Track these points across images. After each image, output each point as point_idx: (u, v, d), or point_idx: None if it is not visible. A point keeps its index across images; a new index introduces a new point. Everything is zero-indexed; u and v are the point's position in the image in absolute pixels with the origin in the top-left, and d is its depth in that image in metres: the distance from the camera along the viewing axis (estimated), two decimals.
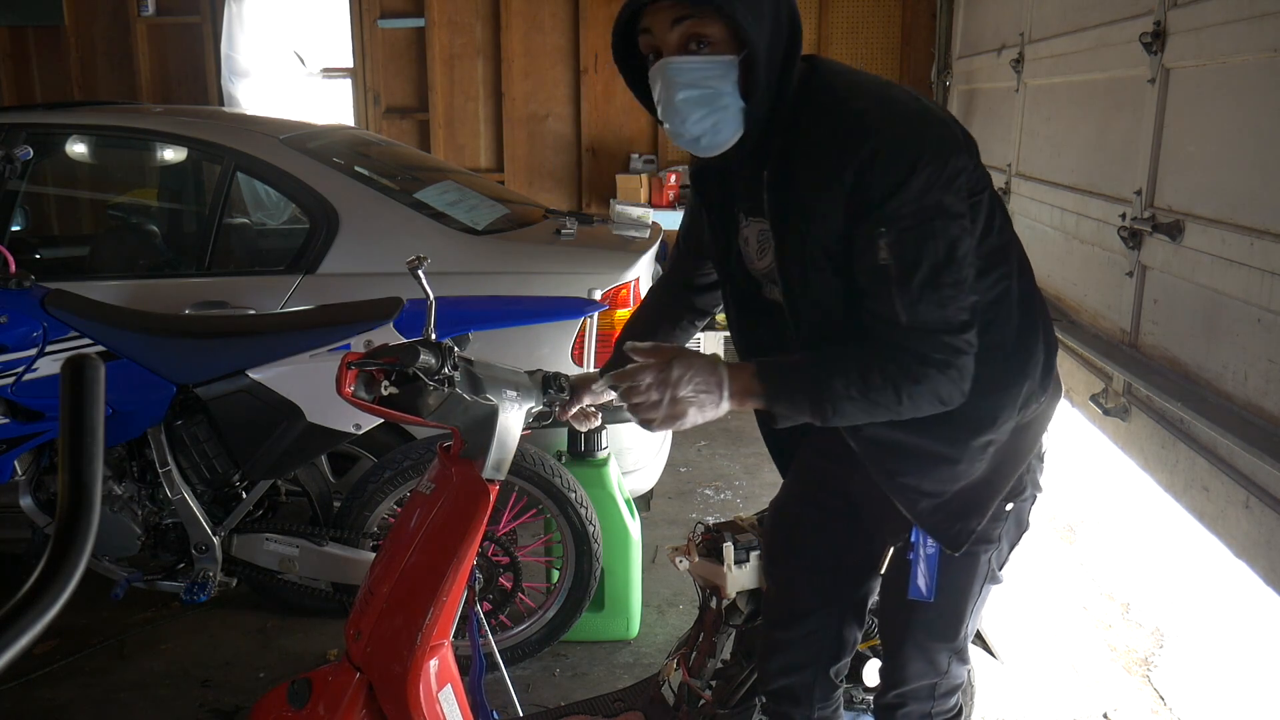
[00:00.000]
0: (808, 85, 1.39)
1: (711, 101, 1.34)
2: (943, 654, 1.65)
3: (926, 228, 1.28)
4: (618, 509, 2.81)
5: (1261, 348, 2.01)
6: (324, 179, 3.00)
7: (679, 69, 1.33)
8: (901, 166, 1.28)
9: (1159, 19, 2.49)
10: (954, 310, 1.31)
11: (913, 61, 5.67)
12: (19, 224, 3.43)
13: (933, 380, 1.32)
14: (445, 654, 1.73)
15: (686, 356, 1.35)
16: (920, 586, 1.55)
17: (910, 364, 1.32)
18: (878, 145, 1.29)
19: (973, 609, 1.62)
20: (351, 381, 1.62)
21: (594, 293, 2.83)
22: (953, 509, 1.50)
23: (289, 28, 5.99)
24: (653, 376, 1.34)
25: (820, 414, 1.35)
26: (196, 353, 2.50)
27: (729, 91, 1.33)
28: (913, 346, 1.32)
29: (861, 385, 1.32)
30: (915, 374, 1.32)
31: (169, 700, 2.65)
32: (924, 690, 1.67)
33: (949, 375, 1.32)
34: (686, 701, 2.09)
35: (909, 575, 1.56)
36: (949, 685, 1.69)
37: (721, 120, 1.35)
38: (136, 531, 2.57)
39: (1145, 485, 2.59)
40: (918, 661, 1.65)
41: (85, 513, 0.82)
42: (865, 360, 1.34)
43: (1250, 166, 2.11)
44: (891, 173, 1.28)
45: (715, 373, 1.35)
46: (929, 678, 1.66)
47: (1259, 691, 2.73)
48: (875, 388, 1.32)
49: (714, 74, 1.33)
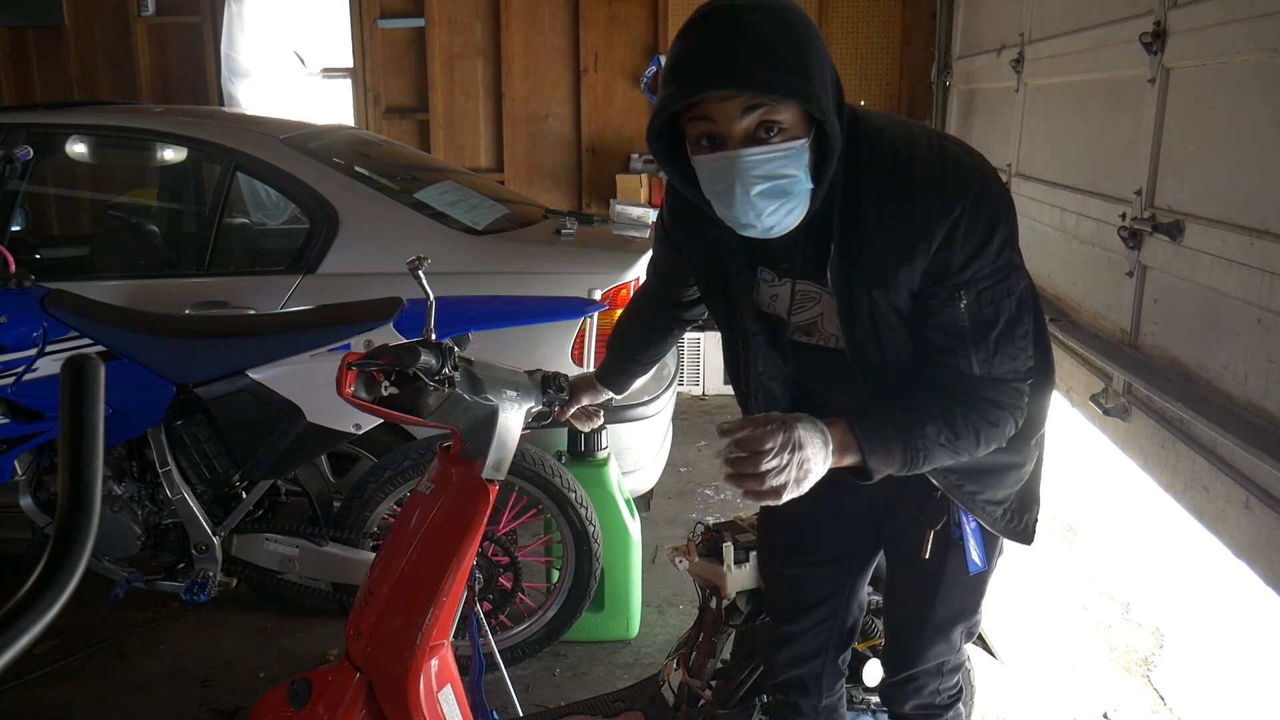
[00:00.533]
0: (854, 143, 1.33)
1: (788, 190, 1.26)
2: (959, 630, 1.69)
3: (1001, 287, 1.34)
4: (618, 509, 2.81)
5: (1261, 348, 2.01)
6: (324, 179, 3.00)
7: (753, 162, 1.23)
8: (981, 232, 1.30)
9: (1159, 19, 2.49)
10: (1023, 360, 1.39)
11: (913, 61, 5.67)
12: (19, 224, 3.43)
13: (1005, 423, 1.39)
14: (445, 654, 1.73)
15: (800, 419, 1.26)
16: (975, 560, 1.59)
17: (988, 410, 1.37)
18: (959, 215, 1.29)
19: (989, 582, 1.67)
20: (351, 381, 1.62)
21: (594, 293, 2.83)
22: (1017, 506, 1.58)
23: (289, 28, 5.98)
24: (779, 440, 1.23)
25: (912, 462, 1.35)
26: (196, 353, 2.50)
27: (802, 176, 1.26)
28: (989, 395, 1.37)
29: (950, 433, 1.35)
30: (993, 418, 1.37)
31: (169, 700, 2.65)
32: (935, 667, 1.71)
33: (1017, 416, 1.40)
34: (686, 701, 2.09)
35: (958, 556, 1.59)
36: (956, 661, 1.73)
37: (796, 206, 1.29)
38: (136, 531, 2.57)
39: (1145, 485, 2.59)
40: (938, 642, 1.68)
41: (85, 513, 0.82)
42: (949, 408, 1.36)
43: (1250, 166, 2.11)
44: (972, 240, 1.30)
45: (822, 436, 1.27)
46: (944, 655, 1.70)
47: (1259, 691, 2.73)
48: (961, 434, 1.35)
49: (790, 162, 1.24)
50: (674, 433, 3.81)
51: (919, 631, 1.69)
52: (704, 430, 4.68)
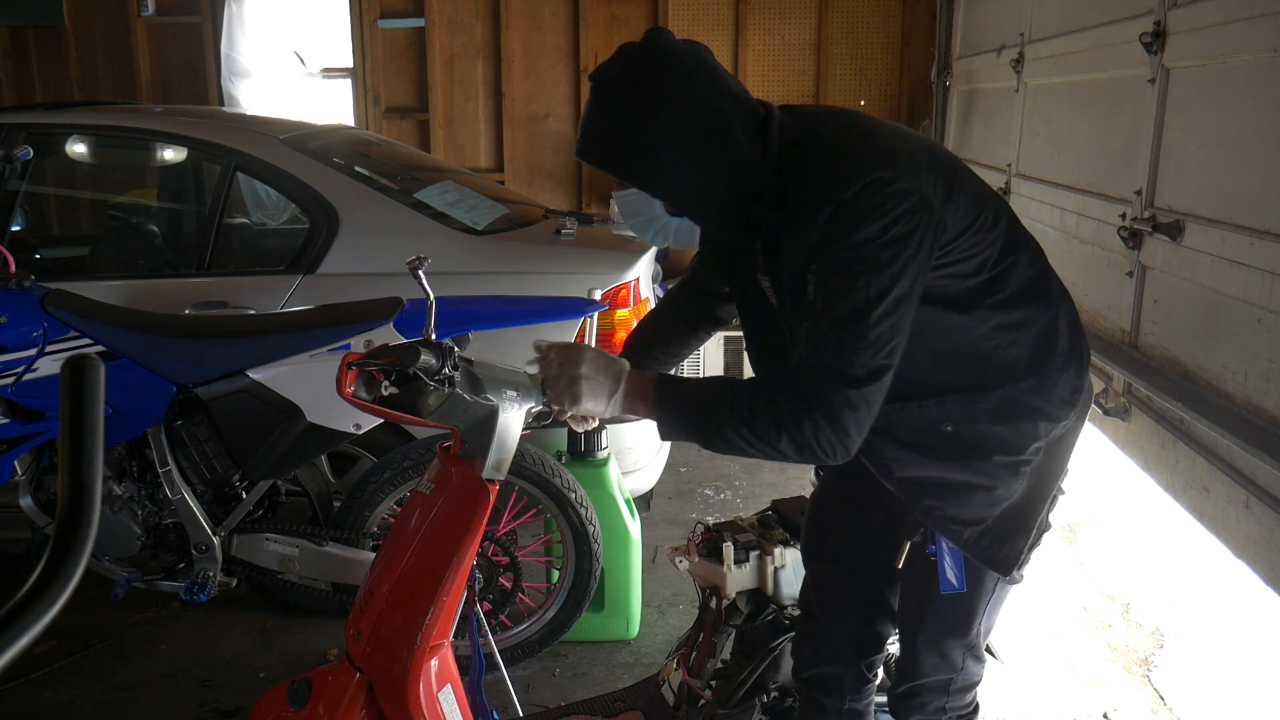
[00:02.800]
0: (783, 144, 1.44)
1: (653, 223, 1.59)
2: (956, 650, 1.66)
3: (857, 277, 1.33)
4: (618, 509, 2.81)
5: (1261, 348, 2.01)
6: (324, 179, 3.00)
7: (618, 200, 1.63)
8: (849, 221, 1.34)
9: (1159, 19, 2.49)
10: (858, 361, 1.34)
11: (913, 61, 5.67)
12: (19, 224, 3.43)
13: (815, 425, 1.34)
14: (445, 654, 1.73)
15: (596, 351, 1.50)
16: (950, 580, 1.57)
17: (800, 404, 1.35)
18: (837, 206, 1.35)
19: (986, 606, 1.63)
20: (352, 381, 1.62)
21: (594, 293, 2.82)
22: (997, 533, 1.53)
23: (289, 28, 5.98)
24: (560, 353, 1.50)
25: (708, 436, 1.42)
26: (196, 353, 2.50)
27: (659, 210, 1.55)
28: (805, 383, 1.36)
29: (748, 414, 1.37)
30: (800, 413, 1.34)
31: (169, 700, 2.65)
32: (939, 685, 1.69)
33: (833, 425, 1.34)
34: (686, 701, 2.09)
35: (934, 571, 1.58)
36: (964, 682, 1.70)
37: (672, 231, 1.59)
38: (136, 531, 2.57)
39: (1145, 485, 2.59)
40: (932, 655, 1.66)
41: (85, 513, 0.82)
42: (758, 391, 1.39)
43: (1250, 166, 2.11)
44: (839, 225, 1.35)
45: (615, 368, 1.46)
46: (943, 673, 1.68)
47: (1259, 691, 2.73)
48: (760, 422, 1.36)
49: (643, 204, 1.55)
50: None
51: (911, 643, 1.69)
52: None
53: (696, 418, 1.43)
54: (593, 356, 1.47)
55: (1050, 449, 1.54)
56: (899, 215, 1.33)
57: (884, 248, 1.32)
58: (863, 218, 1.33)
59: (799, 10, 5.65)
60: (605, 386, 1.45)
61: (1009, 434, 1.48)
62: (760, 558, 2.05)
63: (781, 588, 2.04)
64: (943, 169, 1.42)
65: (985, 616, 1.65)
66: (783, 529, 2.10)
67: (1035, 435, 1.50)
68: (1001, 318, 1.46)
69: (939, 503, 1.52)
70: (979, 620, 1.64)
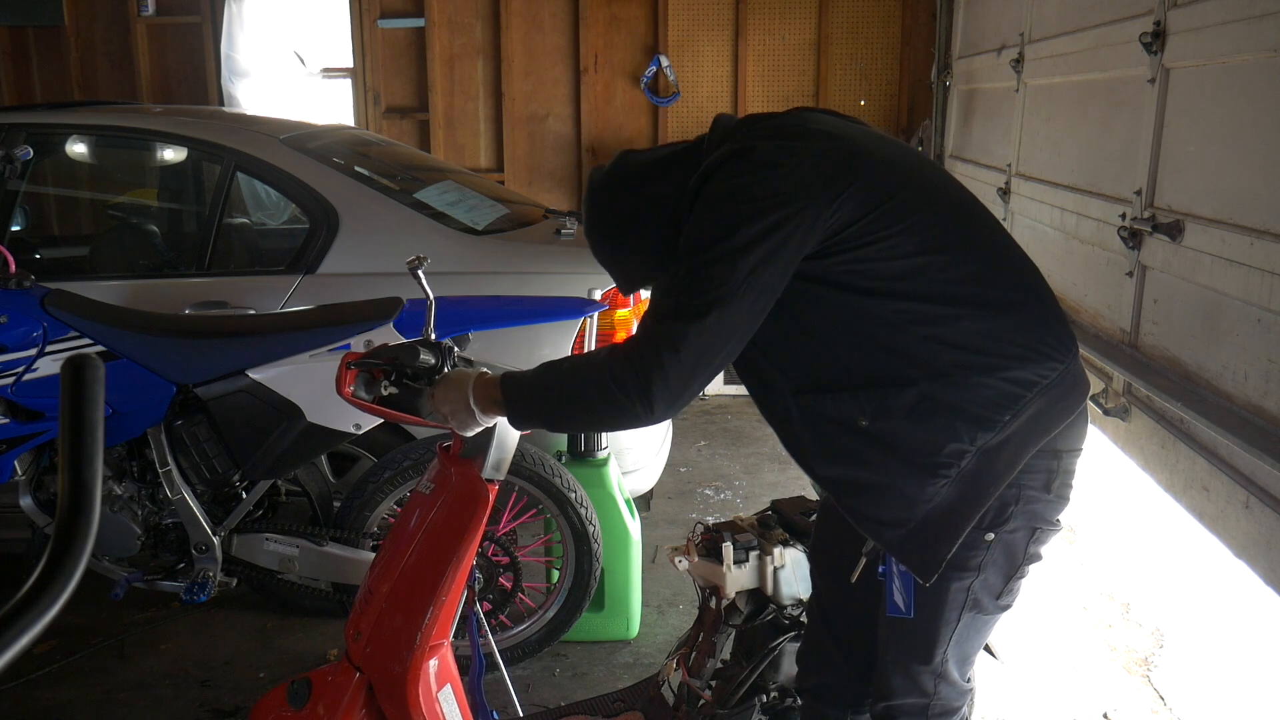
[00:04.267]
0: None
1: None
2: (923, 675, 1.61)
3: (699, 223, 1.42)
4: (618, 509, 2.81)
5: (1261, 348, 2.01)
6: (324, 179, 3.00)
7: None
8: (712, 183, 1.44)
9: (1159, 19, 2.49)
10: (679, 299, 1.39)
11: (913, 61, 5.67)
12: (19, 224, 3.43)
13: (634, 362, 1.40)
14: (445, 654, 1.73)
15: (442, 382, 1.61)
16: (898, 603, 1.54)
17: (625, 345, 1.43)
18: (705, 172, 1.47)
19: (950, 636, 1.57)
20: (351, 381, 1.62)
21: (594, 293, 2.82)
22: (921, 537, 1.48)
23: (289, 28, 5.98)
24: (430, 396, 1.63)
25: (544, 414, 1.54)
26: (196, 353, 2.50)
27: None
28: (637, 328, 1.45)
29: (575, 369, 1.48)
30: (621, 353, 1.42)
31: (169, 700, 2.65)
32: (914, 708, 1.64)
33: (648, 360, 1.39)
34: (686, 701, 2.09)
35: (885, 592, 1.56)
36: (942, 708, 1.64)
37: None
38: (136, 531, 2.57)
39: (1145, 485, 2.59)
40: (897, 676, 1.62)
41: (85, 513, 0.82)
42: (588, 357, 1.50)
43: (1250, 166, 2.11)
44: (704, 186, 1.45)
45: (462, 379, 1.58)
46: (913, 696, 1.63)
47: (1259, 691, 2.73)
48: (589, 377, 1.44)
49: None
50: (674, 433, 3.82)
51: (880, 661, 1.65)
52: (704, 430, 4.68)
53: (540, 399, 1.52)
54: (453, 375, 1.61)
55: (987, 455, 1.44)
56: (759, 180, 1.39)
57: (735, 204, 1.38)
58: (726, 176, 1.41)
59: (799, 10, 5.65)
60: (458, 399, 1.57)
61: (923, 434, 1.43)
62: (760, 558, 2.05)
63: (781, 588, 2.04)
64: (841, 158, 1.43)
65: (954, 645, 1.58)
66: (783, 529, 2.10)
67: (954, 437, 1.43)
68: (918, 310, 1.42)
69: (860, 502, 1.50)
70: (942, 648, 1.58)
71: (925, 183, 1.51)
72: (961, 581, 1.52)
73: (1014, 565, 1.55)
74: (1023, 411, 1.45)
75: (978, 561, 1.51)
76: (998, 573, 1.54)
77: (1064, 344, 1.50)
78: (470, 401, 1.55)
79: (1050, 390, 1.46)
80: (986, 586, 1.54)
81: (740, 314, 1.38)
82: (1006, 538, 1.51)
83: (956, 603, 1.54)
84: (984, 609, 1.56)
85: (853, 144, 1.48)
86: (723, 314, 1.36)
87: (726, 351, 1.41)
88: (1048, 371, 1.46)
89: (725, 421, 4.82)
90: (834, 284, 1.43)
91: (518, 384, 1.53)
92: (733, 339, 1.40)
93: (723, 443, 4.53)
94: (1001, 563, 1.53)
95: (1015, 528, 1.51)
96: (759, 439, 4.55)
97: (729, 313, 1.37)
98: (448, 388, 1.59)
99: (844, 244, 1.41)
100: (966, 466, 1.44)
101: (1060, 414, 1.49)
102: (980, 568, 1.52)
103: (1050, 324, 1.51)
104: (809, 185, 1.39)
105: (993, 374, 1.44)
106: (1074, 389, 1.51)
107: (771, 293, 1.40)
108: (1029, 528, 1.52)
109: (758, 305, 1.39)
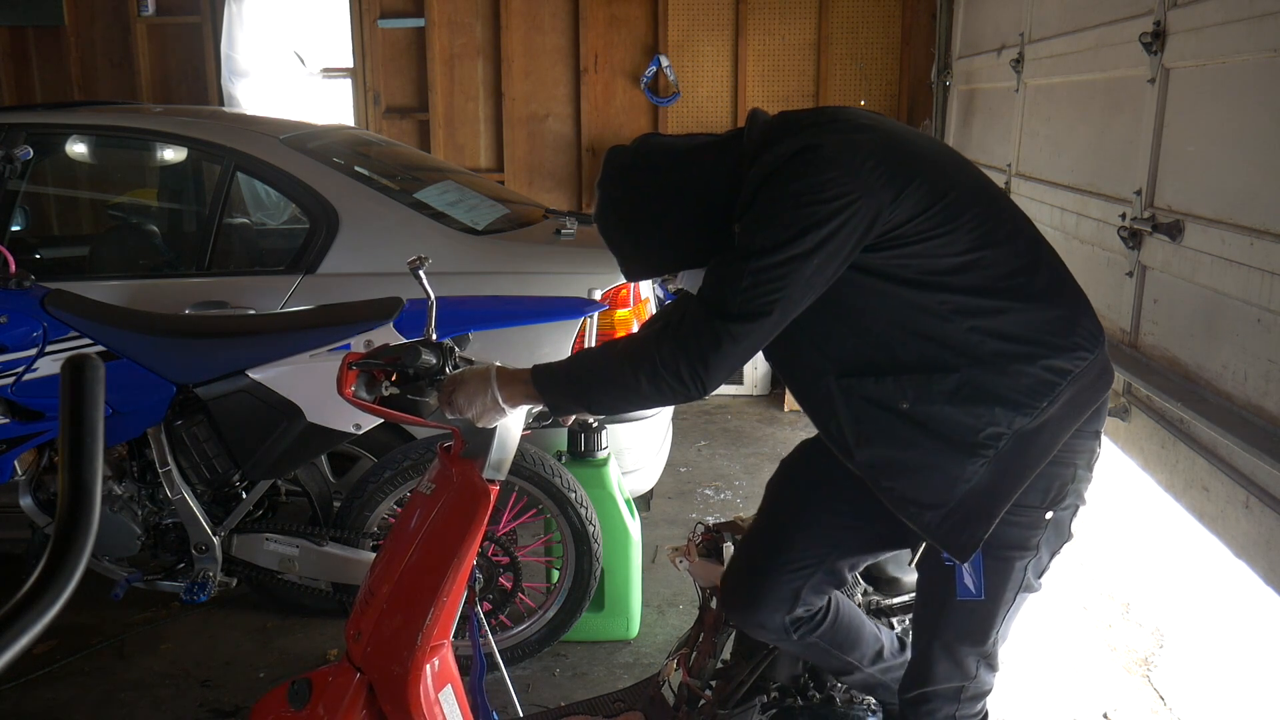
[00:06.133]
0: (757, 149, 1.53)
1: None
2: (970, 657, 1.65)
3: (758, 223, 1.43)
4: (618, 509, 2.81)
5: (1261, 348, 2.01)
6: (324, 179, 2.99)
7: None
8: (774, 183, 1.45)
9: (1159, 19, 2.49)
10: (730, 298, 1.42)
11: (913, 61, 5.67)
12: (19, 224, 3.43)
13: (678, 347, 1.44)
14: (445, 654, 1.73)
15: (457, 378, 1.62)
16: (969, 586, 1.57)
17: (664, 334, 1.46)
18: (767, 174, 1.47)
19: (1004, 615, 1.62)
20: (352, 381, 1.63)
21: (594, 293, 2.82)
22: (958, 518, 1.52)
23: (289, 28, 5.98)
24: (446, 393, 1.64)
25: (574, 387, 1.54)
26: (196, 353, 2.49)
27: None
28: (682, 312, 1.47)
29: (610, 353, 1.51)
30: (667, 337, 1.45)
31: (169, 700, 2.65)
32: (950, 692, 1.67)
33: (695, 348, 1.44)
34: (686, 702, 2.09)
35: (953, 576, 1.58)
36: (976, 690, 1.69)
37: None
38: (136, 531, 2.57)
39: (1145, 485, 2.59)
40: (944, 662, 1.65)
41: (85, 513, 0.82)
42: (630, 338, 1.52)
43: (1250, 166, 2.11)
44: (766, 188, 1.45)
45: (483, 370, 1.60)
46: (955, 680, 1.66)
47: (1259, 691, 2.73)
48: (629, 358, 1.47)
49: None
50: (674, 433, 3.81)
51: (924, 647, 1.68)
52: (704, 430, 4.68)
53: (568, 383, 1.55)
54: (468, 372, 1.63)
55: (1024, 438, 1.49)
56: (826, 180, 1.39)
57: (803, 207, 1.39)
58: (787, 179, 1.41)
59: (799, 10, 5.65)
60: (478, 387, 1.58)
61: (963, 417, 1.48)
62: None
63: None
64: (898, 156, 1.45)
65: (1004, 624, 1.64)
66: None
67: (992, 421, 1.48)
68: (965, 303, 1.47)
69: (900, 484, 1.53)
70: (996, 629, 1.63)
71: (969, 179, 1.55)
72: (1023, 560, 1.58)
73: (1060, 543, 1.62)
74: (1058, 399, 1.51)
75: (1037, 540, 1.58)
76: (1048, 551, 1.61)
77: (1094, 335, 1.56)
78: (496, 393, 1.57)
79: (1081, 379, 1.52)
80: (1038, 565, 1.61)
81: (797, 308, 1.45)
82: (1060, 515, 1.59)
83: (1015, 582, 1.60)
84: (1031, 588, 1.62)
85: (908, 142, 1.51)
86: (785, 311, 1.44)
87: (774, 336, 1.48)
88: (1080, 360, 1.52)
89: (725, 421, 4.82)
90: (884, 275, 1.47)
91: (550, 374, 1.57)
92: (782, 326, 1.47)
93: (723, 443, 4.53)
94: (1053, 541, 1.61)
95: (1066, 506, 1.59)
96: (759, 439, 4.55)
97: (790, 309, 1.44)
98: (469, 383, 1.59)
99: (899, 239, 1.44)
100: (1004, 448, 1.49)
101: (1089, 401, 1.55)
102: (1038, 546, 1.58)
103: (1082, 315, 1.56)
104: (871, 185, 1.41)
105: (1033, 362, 1.49)
106: (1101, 377, 1.58)
107: (825, 285, 1.46)
108: (1074, 505, 1.60)
109: (811, 297, 1.46)
